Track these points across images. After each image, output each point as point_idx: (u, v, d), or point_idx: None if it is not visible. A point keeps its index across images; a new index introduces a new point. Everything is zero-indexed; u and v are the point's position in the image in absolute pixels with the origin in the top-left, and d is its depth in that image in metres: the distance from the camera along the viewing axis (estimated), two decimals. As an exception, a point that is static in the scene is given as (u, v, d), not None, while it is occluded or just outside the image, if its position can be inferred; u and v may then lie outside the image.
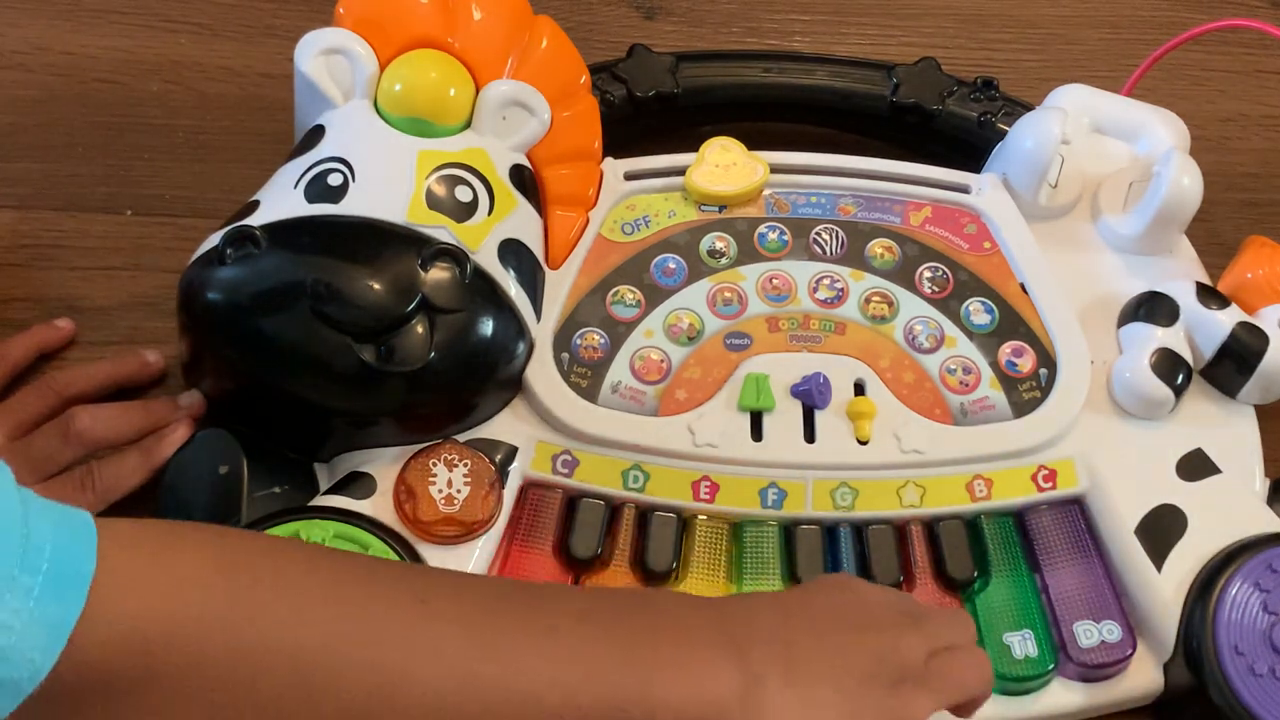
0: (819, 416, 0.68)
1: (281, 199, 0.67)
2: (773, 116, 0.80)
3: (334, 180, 0.67)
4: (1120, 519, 0.67)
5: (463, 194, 0.67)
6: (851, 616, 0.55)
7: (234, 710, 0.46)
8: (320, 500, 0.65)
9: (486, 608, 0.51)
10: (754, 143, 0.75)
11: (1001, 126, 0.77)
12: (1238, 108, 0.90)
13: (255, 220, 0.66)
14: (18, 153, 0.80)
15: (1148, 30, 0.92)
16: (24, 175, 0.80)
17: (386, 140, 0.68)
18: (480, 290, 0.66)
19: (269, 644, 0.46)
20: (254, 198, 0.68)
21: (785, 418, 0.68)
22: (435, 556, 0.64)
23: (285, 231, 0.65)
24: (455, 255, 0.65)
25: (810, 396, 0.68)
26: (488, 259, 0.67)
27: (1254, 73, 0.92)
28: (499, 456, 0.66)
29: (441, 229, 0.66)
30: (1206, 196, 0.72)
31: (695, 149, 0.74)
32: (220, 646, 0.45)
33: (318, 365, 0.63)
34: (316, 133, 0.69)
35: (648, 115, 0.78)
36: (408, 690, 0.47)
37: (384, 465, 0.66)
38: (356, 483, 0.65)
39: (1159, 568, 0.66)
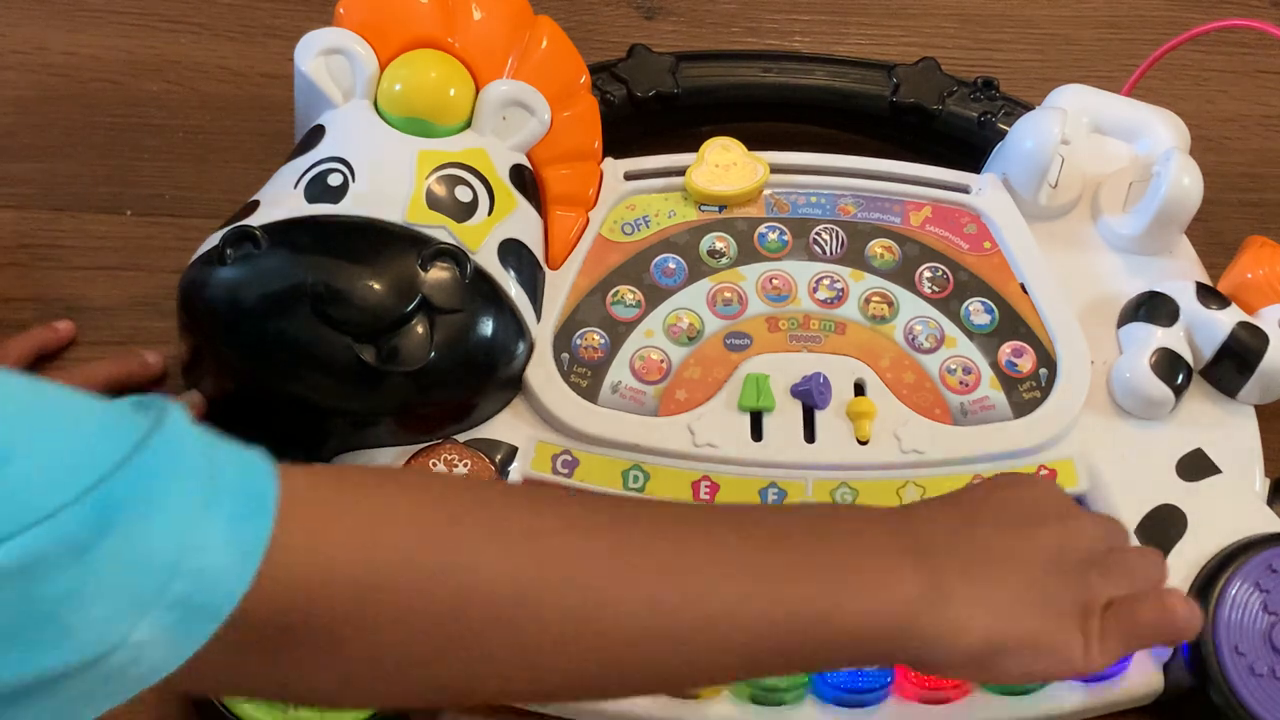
0: (819, 416, 0.68)
1: (281, 199, 0.67)
2: (773, 116, 0.80)
3: (334, 180, 0.67)
4: (1120, 519, 0.66)
5: (463, 194, 0.67)
6: (1029, 509, 0.55)
7: (433, 641, 0.46)
8: (320, 500, 0.65)
9: (675, 534, 0.51)
10: (754, 143, 0.75)
11: (1002, 126, 0.77)
12: (1238, 108, 0.90)
13: (255, 220, 0.66)
14: (18, 153, 0.80)
15: (1148, 30, 0.92)
16: (24, 175, 0.80)
17: (386, 140, 0.68)
18: (480, 290, 0.66)
19: (471, 579, 0.46)
20: (254, 198, 0.68)
21: (785, 418, 0.68)
22: (435, 556, 0.64)
23: (285, 231, 0.65)
24: (455, 255, 0.65)
25: (810, 396, 0.68)
26: (488, 259, 0.67)
27: (1254, 73, 0.91)
28: (499, 456, 0.66)
29: (441, 229, 0.66)
30: (1206, 196, 0.72)
31: (695, 149, 0.74)
32: (421, 579, 0.46)
33: (318, 365, 0.63)
34: (316, 133, 0.69)
35: (648, 115, 0.78)
36: (603, 614, 0.48)
37: (383, 465, 0.66)
38: (356, 483, 0.65)
39: (1159, 568, 0.65)
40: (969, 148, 0.78)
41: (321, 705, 0.58)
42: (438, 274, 0.64)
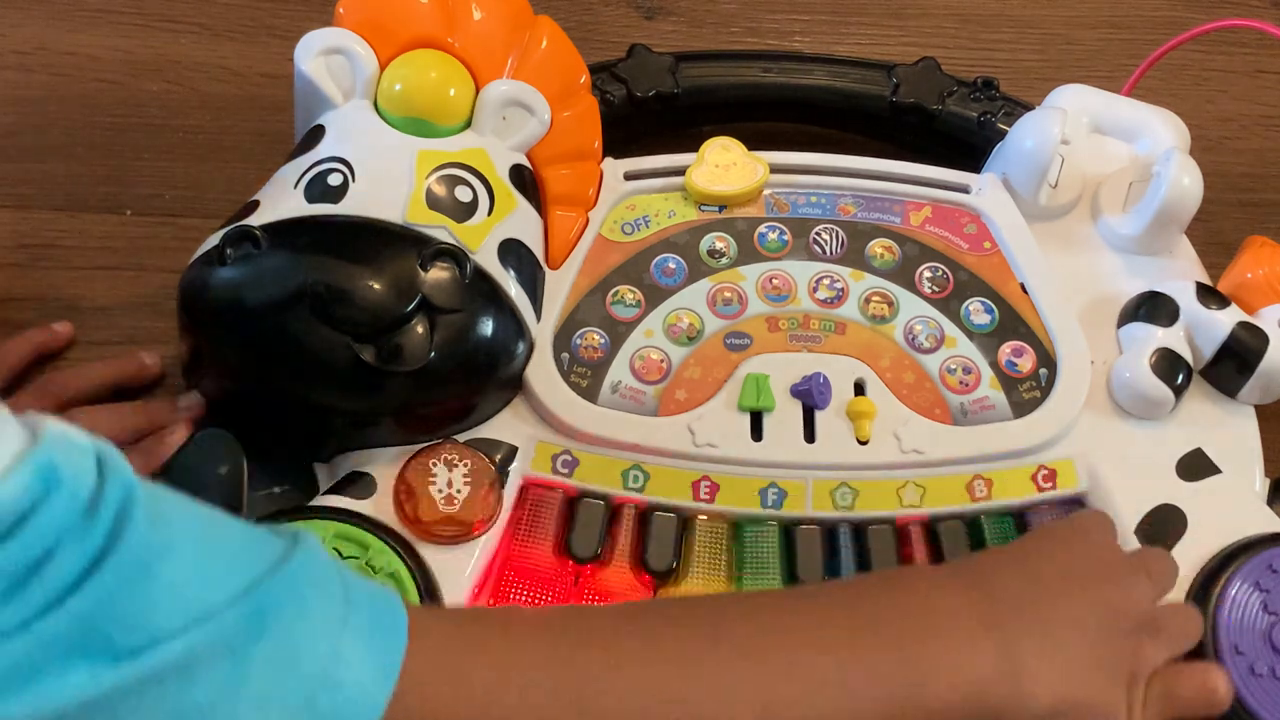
0: (819, 416, 0.68)
1: (281, 199, 0.67)
2: (773, 116, 0.80)
3: (334, 180, 0.67)
4: (1120, 519, 0.66)
5: (463, 194, 0.67)
6: (1088, 568, 0.58)
7: None
8: (320, 500, 0.65)
9: (766, 629, 0.54)
10: (754, 143, 0.75)
11: (1002, 126, 0.77)
12: (1238, 108, 0.90)
13: (255, 220, 0.66)
14: (18, 153, 0.81)
15: (1148, 30, 0.92)
16: (24, 175, 0.80)
17: (386, 140, 0.68)
18: (480, 290, 0.66)
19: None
20: (254, 198, 0.68)
21: (785, 418, 0.68)
22: (435, 556, 0.64)
23: (285, 231, 0.65)
24: (455, 255, 0.65)
25: (810, 396, 0.68)
26: (488, 259, 0.67)
27: (1254, 73, 0.92)
28: (499, 456, 0.66)
29: (441, 229, 0.66)
30: (1206, 196, 0.72)
31: (695, 149, 0.74)
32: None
33: (318, 365, 0.63)
34: (316, 132, 0.69)
35: (648, 115, 0.78)
36: None
37: (384, 465, 0.66)
38: (356, 483, 0.65)
39: (1159, 568, 0.65)
40: (969, 148, 0.78)
41: None
42: (438, 274, 0.64)
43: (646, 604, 0.62)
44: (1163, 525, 0.67)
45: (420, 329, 0.64)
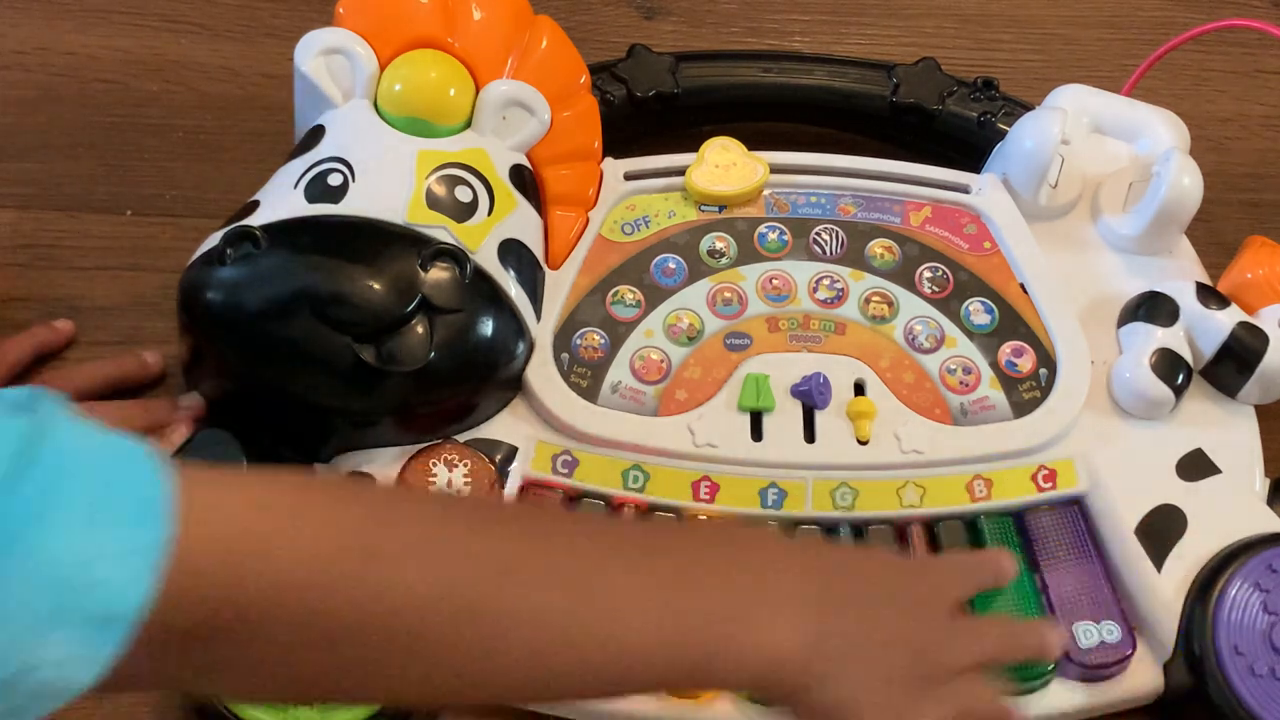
0: (819, 416, 0.68)
1: (281, 199, 0.67)
2: (773, 116, 0.80)
3: (334, 180, 0.67)
4: (1120, 519, 0.67)
5: (463, 194, 0.67)
6: (923, 598, 0.56)
7: (350, 643, 0.46)
8: (320, 500, 0.65)
9: (596, 541, 0.53)
10: (754, 143, 0.75)
11: (1002, 126, 0.77)
12: (1238, 108, 0.90)
13: (255, 220, 0.66)
14: (18, 153, 0.80)
15: (1148, 30, 0.92)
16: (24, 175, 0.79)
17: (386, 140, 0.68)
18: (480, 290, 0.66)
19: (388, 584, 0.46)
20: (254, 198, 0.68)
21: (785, 418, 0.68)
22: (435, 557, 0.64)
23: (285, 231, 0.65)
24: (455, 255, 0.65)
25: (810, 396, 0.68)
26: (488, 259, 0.67)
27: (1254, 73, 0.92)
28: (499, 456, 0.66)
29: (441, 229, 0.66)
30: (1207, 196, 0.72)
31: (695, 149, 0.74)
32: (334, 581, 0.45)
33: (318, 365, 0.64)
34: (316, 133, 0.69)
35: (648, 115, 0.78)
36: (507, 639, 0.48)
37: (384, 465, 0.66)
38: (356, 483, 0.65)
39: (1159, 568, 0.65)
40: (969, 148, 0.78)
41: (248, 699, 0.59)
42: (438, 274, 0.64)
43: (467, 500, 0.61)
44: (1163, 525, 0.67)
45: (420, 329, 0.64)
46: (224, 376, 0.67)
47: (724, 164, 0.73)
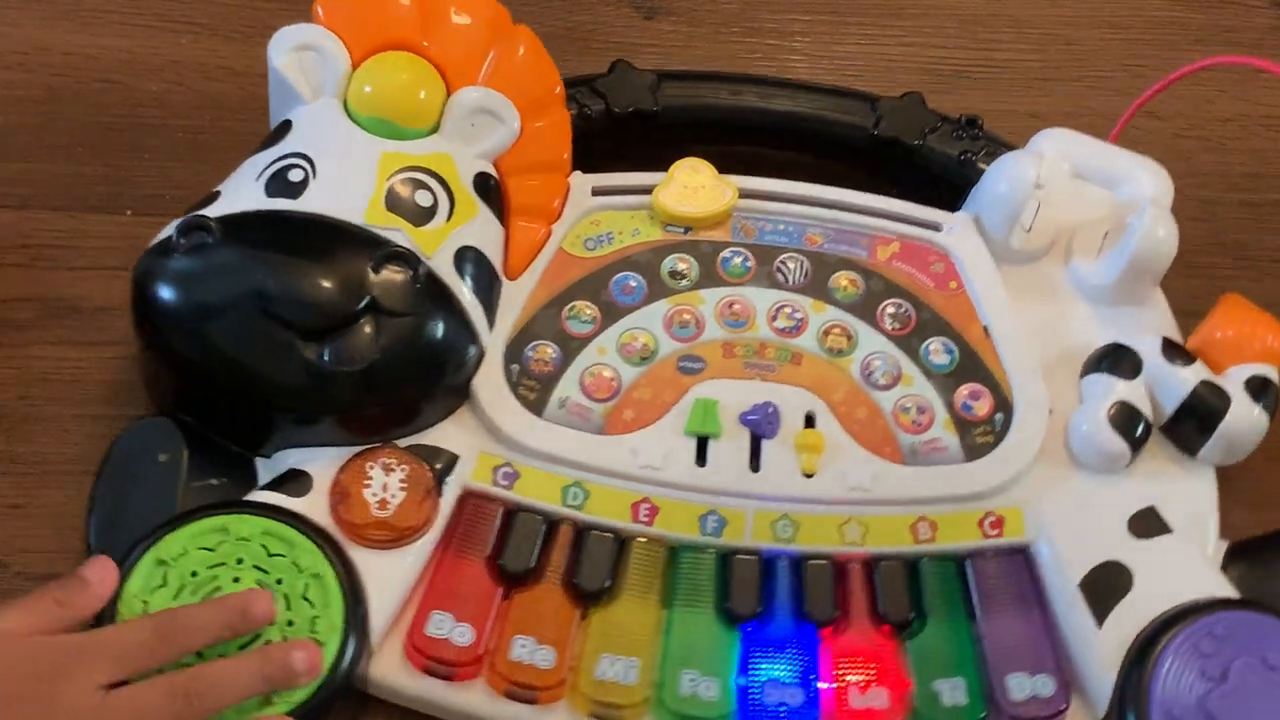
0: (766, 446, 0.67)
1: (241, 191, 0.67)
2: (753, 141, 0.79)
3: (295, 176, 0.67)
4: (1065, 572, 0.65)
5: (423, 198, 0.67)
6: (48, 690, 0.55)
7: None
8: (255, 495, 0.65)
9: None
10: (734, 166, 0.74)
11: (982, 166, 0.76)
12: (1238, 108, 0.89)
13: (213, 211, 0.66)
14: (18, 153, 0.80)
15: (1148, 30, 0.91)
16: (24, 175, 0.79)
17: (351, 139, 0.68)
18: (432, 295, 0.65)
19: None
20: (216, 188, 0.68)
21: (731, 445, 0.67)
22: (366, 560, 0.63)
23: (240, 224, 0.65)
24: (408, 259, 0.65)
25: (759, 425, 0.67)
26: (443, 265, 0.66)
27: (1254, 73, 0.90)
28: (439, 465, 0.66)
29: (398, 231, 0.66)
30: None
31: (668, 169, 0.73)
32: None
33: (261, 361, 0.63)
34: (284, 128, 0.69)
35: (625, 132, 0.77)
36: None
37: (323, 465, 0.65)
38: (293, 480, 0.65)
39: (1100, 624, 0.64)
40: (949, 186, 0.77)
41: None
42: (389, 276, 0.64)
43: None
44: (1108, 581, 0.65)
45: (367, 330, 0.64)
46: (169, 367, 0.66)
47: (693, 185, 0.72)
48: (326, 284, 0.63)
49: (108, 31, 0.86)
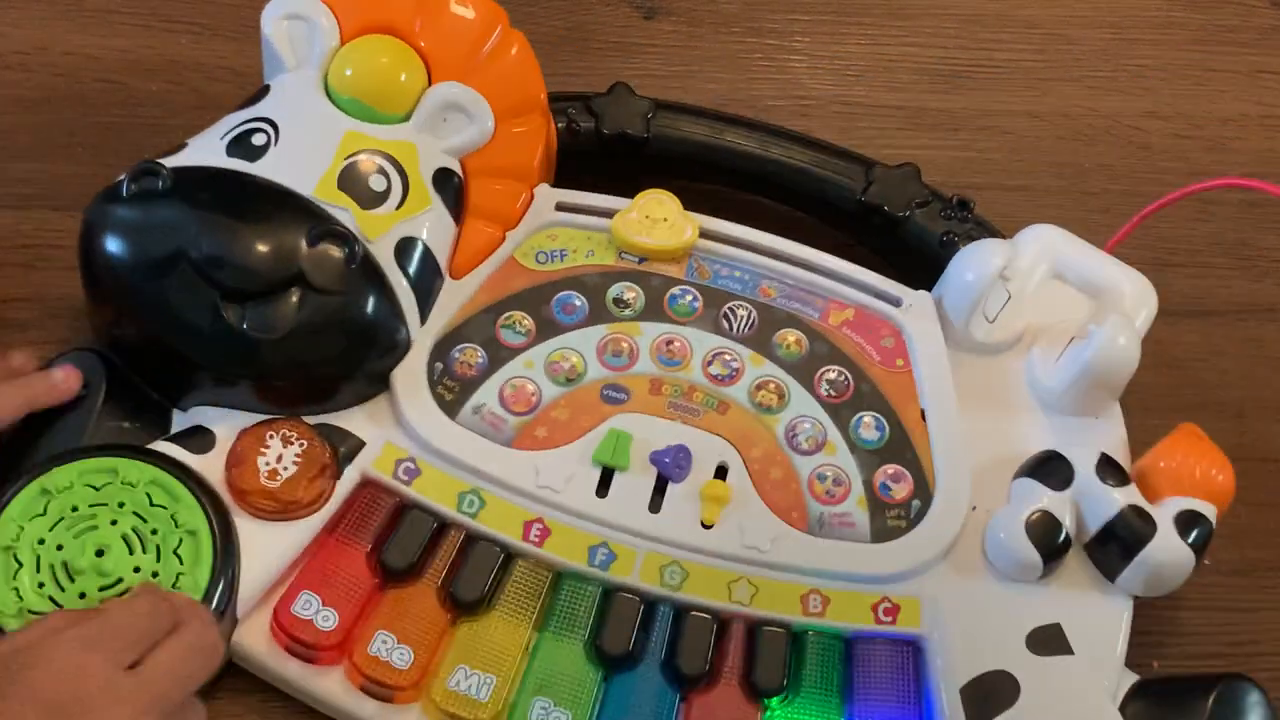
0: (671, 489, 0.66)
1: (205, 146, 0.68)
2: (737, 185, 0.78)
3: (258, 140, 0.67)
4: (950, 672, 0.63)
5: (377, 182, 0.67)
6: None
7: None
8: (155, 445, 0.65)
9: None
10: (702, 204, 0.73)
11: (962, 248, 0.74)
12: (1238, 108, 0.89)
13: (172, 160, 0.66)
14: (18, 153, 0.80)
15: (1148, 30, 0.91)
16: (24, 175, 0.79)
17: (319, 113, 0.69)
18: (364, 278, 0.65)
19: None
20: (186, 140, 0.69)
21: (636, 481, 0.66)
22: (247, 527, 0.63)
23: (190, 177, 0.65)
24: (345, 238, 0.65)
25: (667, 467, 0.66)
26: (383, 251, 0.66)
27: (1254, 73, 0.90)
28: (343, 448, 0.66)
29: (344, 211, 0.66)
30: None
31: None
32: None
33: (183, 314, 0.64)
34: (262, 92, 0.70)
35: (611, 155, 0.77)
36: None
37: (229, 426, 0.66)
38: (197, 436, 0.65)
39: (973, 733, 0.62)
40: (928, 263, 0.75)
41: None
42: (322, 253, 0.64)
43: None
44: (991, 690, 0.63)
45: (292, 301, 0.64)
46: (101, 303, 0.67)
47: (655, 217, 0.72)
48: (257, 249, 0.63)
49: (107, 31, 0.86)
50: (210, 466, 0.64)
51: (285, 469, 0.64)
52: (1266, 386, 0.79)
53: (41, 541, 0.61)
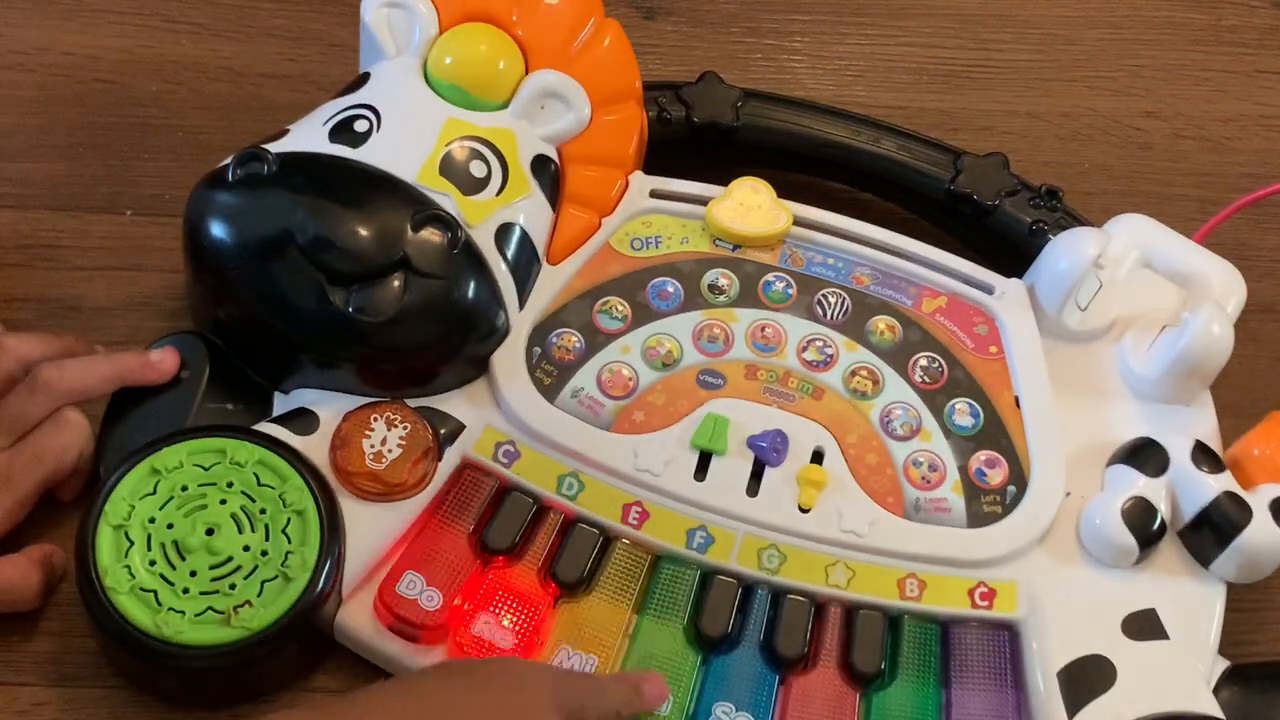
0: (768, 473, 0.66)
1: (307, 132, 0.68)
2: (825, 174, 0.79)
3: (360, 126, 0.68)
4: (1048, 656, 0.64)
5: (477, 169, 0.68)
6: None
7: None
8: (261, 426, 0.66)
9: None
10: (796, 193, 0.74)
11: (1052, 238, 0.74)
12: (1238, 108, 0.89)
13: (276, 146, 0.67)
14: (18, 153, 0.80)
15: (1148, 30, 0.91)
16: (24, 175, 0.79)
17: (420, 100, 0.70)
18: (466, 263, 0.66)
19: None
20: (287, 125, 0.70)
21: (734, 465, 0.66)
22: (353, 508, 0.64)
23: (295, 163, 0.66)
24: (448, 223, 0.65)
25: (765, 451, 0.67)
26: (484, 236, 0.67)
27: (1254, 73, 0.90)
28: (445, 430, 0.67)
29: (446, 196, 0.67)
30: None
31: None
32: None
33: (288, 297, 0.65)
34: (362, 79, 0.71)
35: (700, 143, 0.77)
36: None
37: (334, 409, 0.66)
38: (301, 418, 0.66)
39: (1071, 716, 0.62)
40: (1017, 252, 0.76)
41: None
42: (426, 237, 0.65)
43: None
44: (1089, 674, 0.63)
45: (395, 285, 0.65)
46: (205, 287, 0.68)
47: (749, 204, 0.72)
48: (363, 233, 0.64)
49: (108, 31, 0.86)
50: (314, 448, 0.65)
51: (390, 451, 0.65)
52: (1267, 386, 0.78)
53: (152, 520, 0.62)
